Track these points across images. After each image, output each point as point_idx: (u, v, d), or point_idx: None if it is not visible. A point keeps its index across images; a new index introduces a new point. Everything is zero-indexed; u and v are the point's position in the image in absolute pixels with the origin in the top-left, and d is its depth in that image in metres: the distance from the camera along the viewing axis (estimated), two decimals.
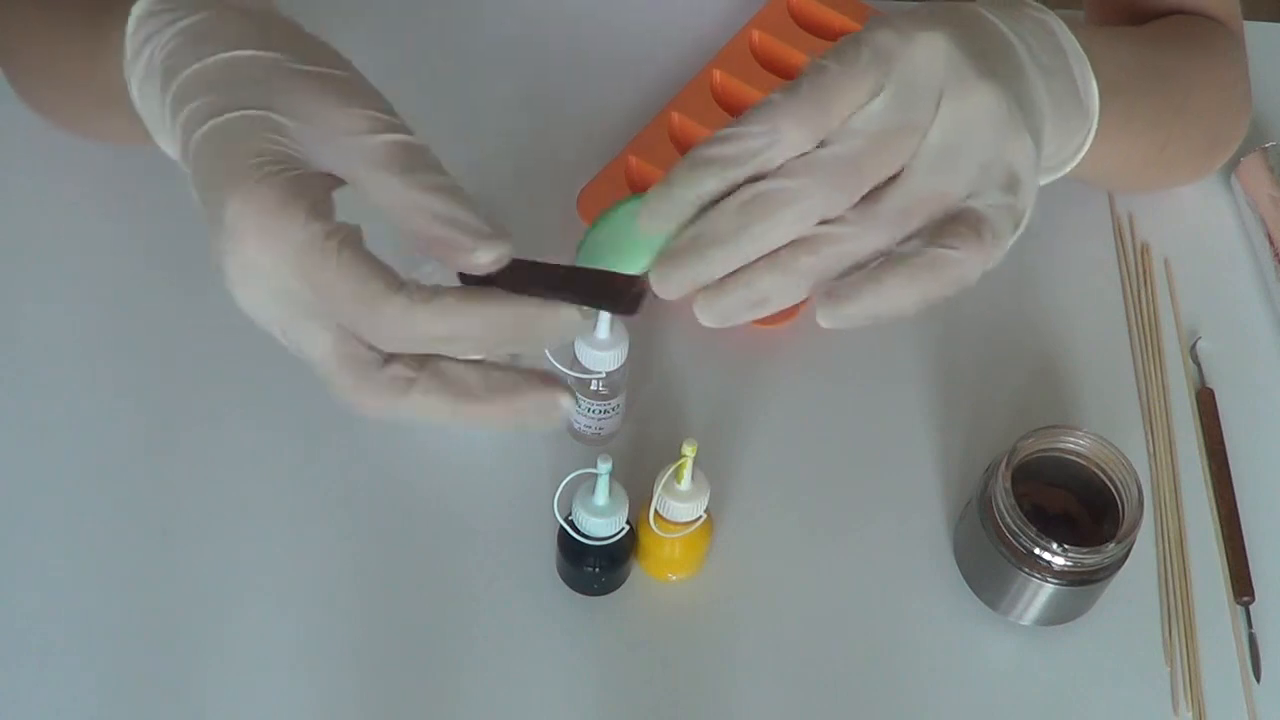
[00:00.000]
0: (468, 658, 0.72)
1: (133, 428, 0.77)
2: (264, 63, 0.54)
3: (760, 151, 0.53)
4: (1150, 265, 0.88)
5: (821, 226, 0.53)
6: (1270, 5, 1.00)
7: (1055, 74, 0.62)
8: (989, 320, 0.85)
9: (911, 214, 0.53)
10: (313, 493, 0.76)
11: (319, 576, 0.74)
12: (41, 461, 0.76)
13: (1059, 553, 0.68)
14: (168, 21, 0.58)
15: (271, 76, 0.54)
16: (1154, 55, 0.78)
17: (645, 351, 0.83)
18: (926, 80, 0.54)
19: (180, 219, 0.84)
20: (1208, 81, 0.81)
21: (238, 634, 0.72)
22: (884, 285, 0.53)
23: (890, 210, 0.53)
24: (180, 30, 0.57)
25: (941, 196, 0.54)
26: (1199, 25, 0.83)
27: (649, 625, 0.73)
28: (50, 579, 0.73)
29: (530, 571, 0.74)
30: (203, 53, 0.55)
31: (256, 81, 0.54)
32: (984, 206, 0.54)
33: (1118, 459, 0.71)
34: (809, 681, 0.72)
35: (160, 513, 0.74)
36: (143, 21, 0.59)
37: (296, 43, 0.55)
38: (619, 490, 0.71)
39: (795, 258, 0.53)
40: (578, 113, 0.91)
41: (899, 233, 0.53)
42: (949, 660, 0.73)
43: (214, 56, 0.55)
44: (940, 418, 0.81)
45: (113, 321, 0.81)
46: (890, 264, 0.53)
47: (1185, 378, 0.84)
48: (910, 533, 0.77)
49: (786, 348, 0.83)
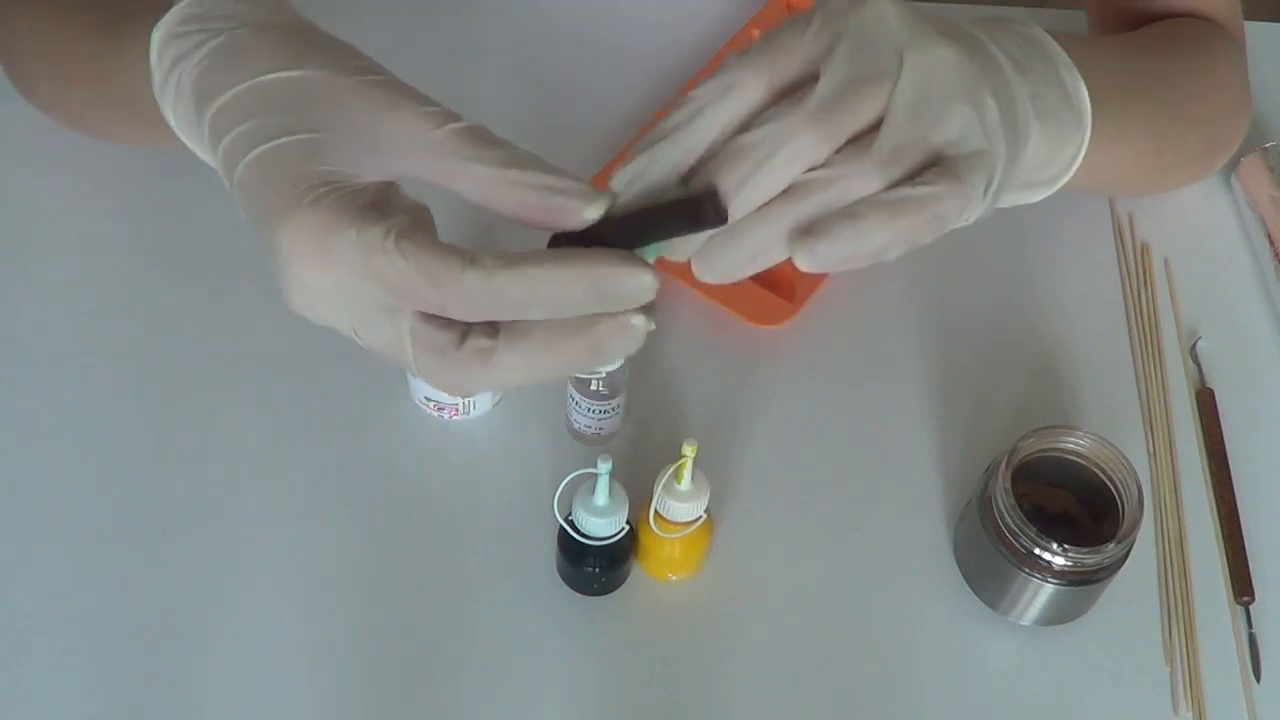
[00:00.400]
0: (468, 657, 0.72)
1: (133, 428, 0.77)
2: (300, 82, 0.55)
3: (718, 100, 0.54)
4: (1150, 265, 0.88)
5: (809, 174, 0.53)
6: (1270, 5, 0.99)
7: (1043, 80, 0.62)
8: (989, 320, 0.85)
9: (895, 160, 0.54)
10: (313, 492, 0.76)
11: (319, 576, 0.74)
12: (41, 461, 0.76)
13: (1059, 553, 0.68)
14: (195, 44, 0.58)
15: (310, 95, 0.54)
16: (1147, 61, 0.78)
17: (645, 351, 0.82)
18: (882, 35, 0.55)
19: (180, 219, 0.85)
20: (1204, 85, 0.81)
21: (237, 633, 0.72)
22: (862, 222, 0.53)
23: (875, 155, 0.53)
24: (209, 53, 0.57)
25: (921, 142, 0.54)
26: (1196, 28, 0.83)
27: (649, 625, 0.73)
28: (50, 578, 0.73)
29: (530, 571, 0.74)
30: (235, 78, 0.55)
31: (296, 102, 0.54)
32: (960, 154, 0.55)
33: (1118, 459, 0.71)
34: (809, 681, 0.72)
35: (160, 513, 0.74)
36: (167, 44, 0.59)
37: (327, 54, 0.56)
38: (619, 490, 0.71)
39: (785, 206, 0.54)
40: (578, 113, 0.91)
41: (884, 178, 0.54)
42: (949, 660, 0.73)
43: (247, 82, 0.55)
44: (940, 418, 0.81)
45: (113, 321, 0.81)
46: (868, 202, 0.53)
47: (1185, 378, 0.84)
48: (910, 533, 0.77)
49: (786, 348, 0.83)
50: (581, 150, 0.89)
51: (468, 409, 0.77)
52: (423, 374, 0.53)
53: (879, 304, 0.86)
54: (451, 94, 0.64)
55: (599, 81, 0.92)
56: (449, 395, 0.74)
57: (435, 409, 0.77)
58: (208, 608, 0.72)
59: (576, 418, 0.77)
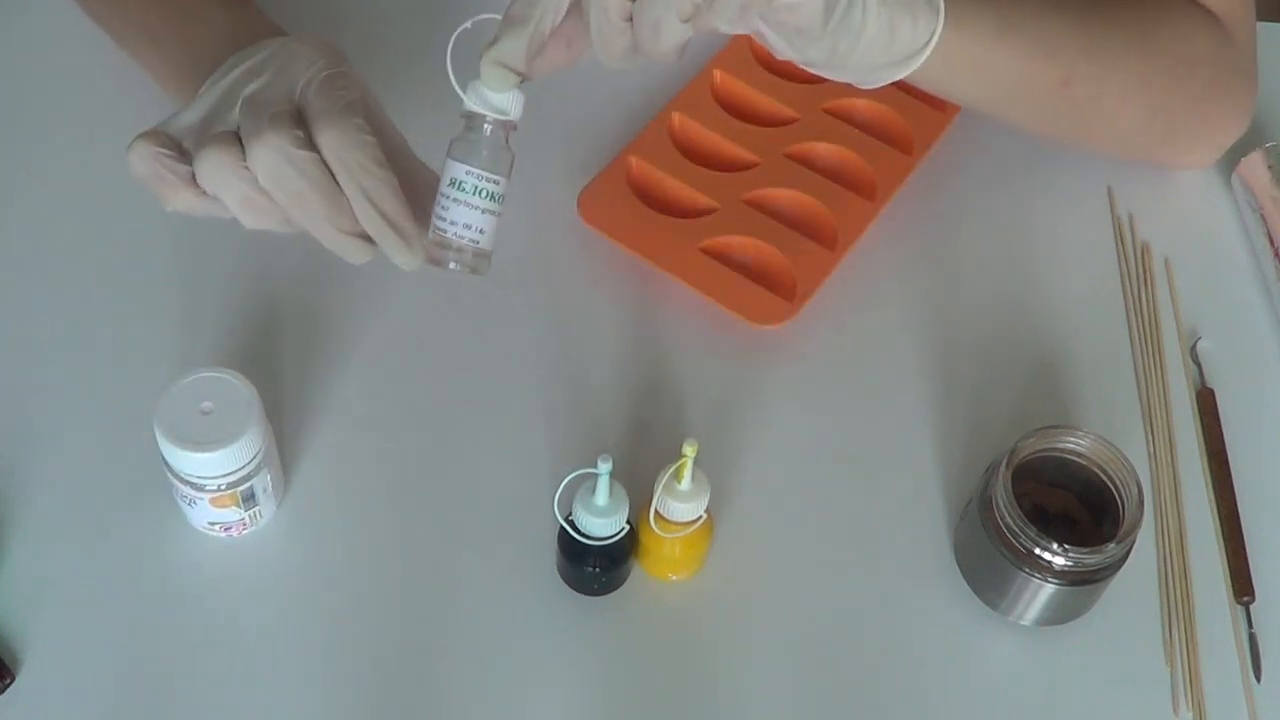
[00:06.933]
0: (468, 657, 0.72)
1: (132, 427, 0.77)
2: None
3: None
4: (1150, 265, 0.88)
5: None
6: (1271, 5, 0.99)
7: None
8: (989, 320, 0.85)
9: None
10: (312, 492, 0.76)
11: (318, 576, 0.74)
12: (43, 460, 0.76)
13: (1059, 553, 0.68)
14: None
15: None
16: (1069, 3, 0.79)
17: (646, 351, 0.83)
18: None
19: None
20: (1145, 44, 0.81)
21: (237, 633, 0.72)
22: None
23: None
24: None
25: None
26: (1171, 5, 0.83)
27: (649, 625, 0.73)
28: (51, 578, 0.73)
29: (530, 571, 0.74)
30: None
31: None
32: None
33: (1118, 459, 0.71)
34: (809, 681, 0.72)
35: (160, 512, 0.74)
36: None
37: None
38: (619, 490, 0.71)
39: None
40: (578, 113, 0.91)
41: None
42: (949, 660, 0.73)
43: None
44: (940, 417, 0.81)
45: (113, 316, 0.82)
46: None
47: (1185, 378, 0.84)
48: (910, 533, 0.77)
49: (786, 348, 0.83)
50: (581, 150, 0.89)
51: (255, 520, 0.74)
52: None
53: (879, 304, 0.86)
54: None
55: (598, 81, 0.92)
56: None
57: (222, 530, 0.74)
58: (207, 607, 0.72)
59: (454, 214, 0.64)
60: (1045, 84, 0.79)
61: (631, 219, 0.86)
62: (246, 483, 0.71)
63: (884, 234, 0.88)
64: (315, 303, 0.83)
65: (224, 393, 0.69)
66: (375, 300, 0.83)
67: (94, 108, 0.90)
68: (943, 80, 0.77)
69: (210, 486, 0.70)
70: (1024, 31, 0.77)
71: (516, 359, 0.81)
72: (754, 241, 0.85)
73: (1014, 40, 0.76)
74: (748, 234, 0.85)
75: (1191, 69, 0.83)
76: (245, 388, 0.70)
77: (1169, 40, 0.82)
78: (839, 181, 0.88)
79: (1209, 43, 0.84)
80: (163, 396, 0.69)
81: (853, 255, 0.86)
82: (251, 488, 0.71)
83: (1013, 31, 0.76)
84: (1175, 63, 0.83)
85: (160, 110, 0.67)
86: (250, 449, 0.69)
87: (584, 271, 0.86)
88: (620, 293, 0.85)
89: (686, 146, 0.90)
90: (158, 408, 0.69)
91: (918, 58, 0.71)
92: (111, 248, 0.85)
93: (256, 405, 0.69)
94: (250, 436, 0.69)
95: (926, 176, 0.90)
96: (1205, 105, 0.86)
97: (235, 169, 0.62)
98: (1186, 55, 0.83)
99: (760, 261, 0.85)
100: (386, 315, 0.83)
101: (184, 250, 0.84)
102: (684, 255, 0.84)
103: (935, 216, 0.90)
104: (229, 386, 0.69)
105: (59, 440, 0.77)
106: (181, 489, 0.70)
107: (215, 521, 0.73)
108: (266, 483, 0.72)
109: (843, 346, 0.84)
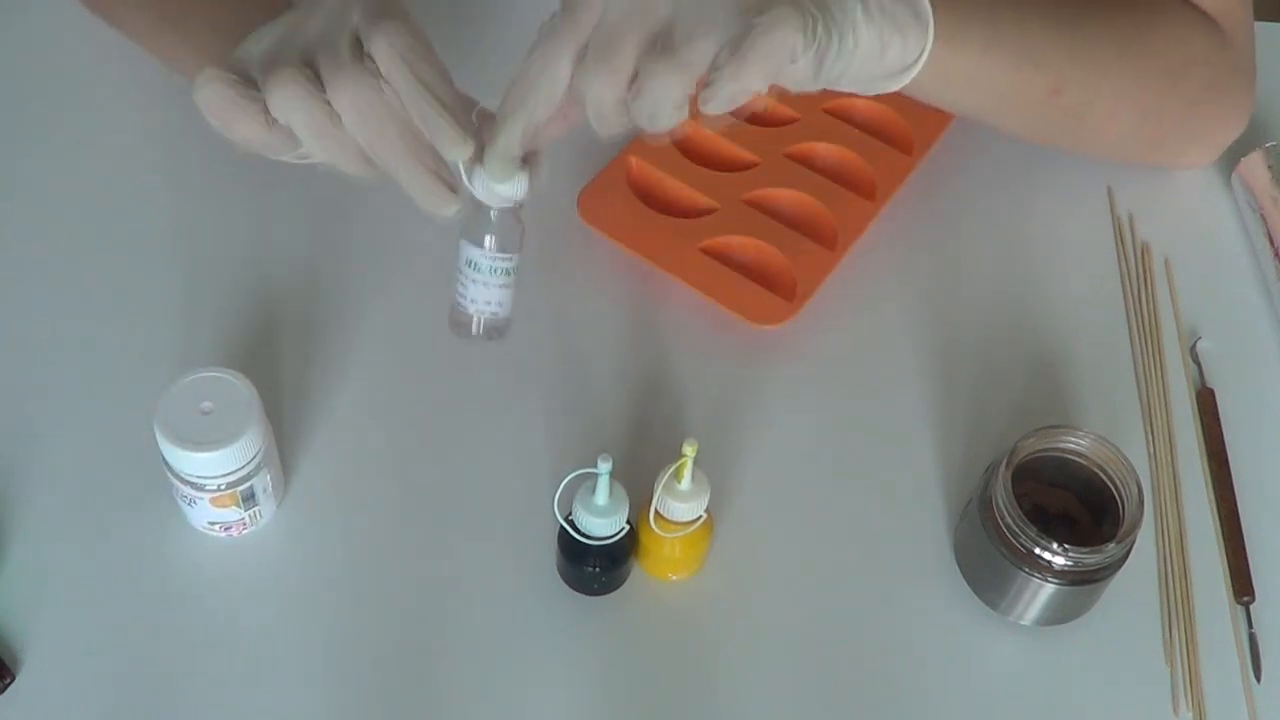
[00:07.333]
0: (468, 657, 0.72)
1: (132, 427, 0.77)
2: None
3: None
4: (1150, 265, 0.88)
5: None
6: (1271, 5, 0.99)
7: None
8: (989, 320, 0.85)
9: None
10: (312, 492, 0.76)
11: (318, 576, 0.74)
12: (43, 460, 0.76)
13: (1059, 552, 0.68)
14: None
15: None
16: (1053, 6, 0.79)
17: (646, 351, 0.83)
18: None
19: (179, 213, 0.85)
20: (1138, 49, 0.81)
21: (237, 633, 0.72)
22: (742, 67, 0.63)
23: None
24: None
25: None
26: (1165, 9, 0.83)
27: (649, 625, 0.73)
28: (51, 578, 0.73)
29: (530, 571, 0.74)
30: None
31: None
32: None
33: (1118, 459, 0.71)
34: (809, 681, 0.72)
35: (160, 512, 0.74)
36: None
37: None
38: (619, 490, 0.71)
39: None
40: None
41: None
42: (949, 660, 0.73)
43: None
44: (940, 417, 0.81)
45: (113, 316, 0.82)
46: (730, 54, 0.62)
47: (1185, 378, 0.84)
48: (910, 533, 0.77)
49: (786, 348, 0.83)
50: (581, 150, 0.89)
51: (255, 519, 0.74)
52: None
53: (879, 304, 0.86)
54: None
55: None
56: None
57: (222, 530, 0.74)
58: (206, 607, 0.72)
59: (474, 293, 0.67)
60: (1035, 93, 0.79)
61: (631, 219, 0.86)
62: (246, 482, 0.71)
63: (884, 234, 0.88)
64: (315, 303, 0.83)
65: (224, 393, 0.69)
66: (375, 300, 0.83)
67: (94, 108, 0.91)
68: (934, 92, 0.77)
69: (210, 486, 0.70)
70: (1013, 42, 0.77)
71: (516, 359, 0.81)
72: (754, 241, 0.85)
73: (1002, 51, 0.77)
74: (748, 234, 0.85)
75: (1186, 71, 0.83)
76: (245, 388, 0.70)
77: (1163, 43, 0.82)
78: (839, 181, 0.88)
79: (1204, 45, 0.84)
80: (163, 396, 0.69)
81: (853, 255, 0.86)
82: (251, 488, 0.71)
83: (1002, 43, 0.76)
84: (1169, 66, 0.83)
85: (160, 110, 0.67)
86: (250, 449, 0.69)
87: (584, 271, 0.86)
88: (620, 293, 0.85)
89: (686, 146, 0.90)
90: (158, 408, 0.69)
91: (909, 73, 0.72)
92: (111, 248, 0.85)
93: (256, 405, 0.69)
94: (250, 436, 0.69)
95: (926, 176, 0.90)
96: (1202, 107, 0.86)
97: (311, 97, 0.61)
98: (1181, 58, 0.83)
99: (760, 261, 0.85)
100: (386, 315, 0.83)
101: (184, 250, 0.84)
102: (684, 255, 0.84)
103: (935, 216, 0.90)
104: (229, 386, 0.69)
105: (59, 440, 0.77)
106: (181, 489, 0.70)
107: (215, 521, 0.73)
108: (266, 483, 0.72)
109: (843, 346, 0.84)
